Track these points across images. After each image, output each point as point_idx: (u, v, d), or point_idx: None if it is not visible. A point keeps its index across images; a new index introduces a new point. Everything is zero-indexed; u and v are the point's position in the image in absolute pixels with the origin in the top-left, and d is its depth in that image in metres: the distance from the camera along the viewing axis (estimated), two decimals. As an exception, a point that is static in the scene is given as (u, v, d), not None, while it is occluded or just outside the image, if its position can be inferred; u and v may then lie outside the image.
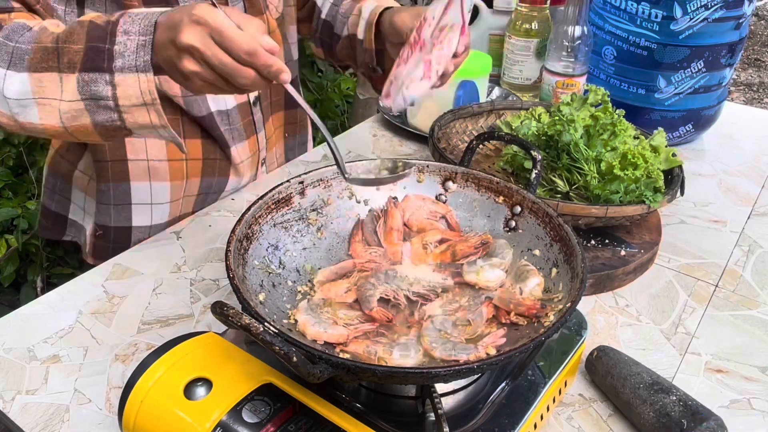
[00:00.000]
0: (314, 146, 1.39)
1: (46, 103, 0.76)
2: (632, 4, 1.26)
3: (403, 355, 0.64)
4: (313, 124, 1.20)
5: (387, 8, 1.03)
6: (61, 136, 0.80)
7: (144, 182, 1.08)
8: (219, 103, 1.09)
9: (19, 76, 0.76)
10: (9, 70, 0.77)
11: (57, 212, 1.19)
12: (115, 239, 1.10)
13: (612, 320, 0.91)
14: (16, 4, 0.85)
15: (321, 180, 0.82)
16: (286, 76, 0.71)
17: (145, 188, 1.09)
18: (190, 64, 0.70)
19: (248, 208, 0.74)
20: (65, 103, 0.76)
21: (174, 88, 1.02)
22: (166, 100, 1.02)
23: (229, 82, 0.70)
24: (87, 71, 0.74)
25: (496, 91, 1.49)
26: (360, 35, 1.07)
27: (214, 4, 0.70)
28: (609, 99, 1.08)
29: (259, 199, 0.76)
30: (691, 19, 1.21)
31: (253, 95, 1.14)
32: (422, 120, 1.33)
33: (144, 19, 0.73)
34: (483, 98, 1.37)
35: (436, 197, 0.85)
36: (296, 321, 0.68)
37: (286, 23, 1.20)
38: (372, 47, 1.06)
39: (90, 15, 0.77)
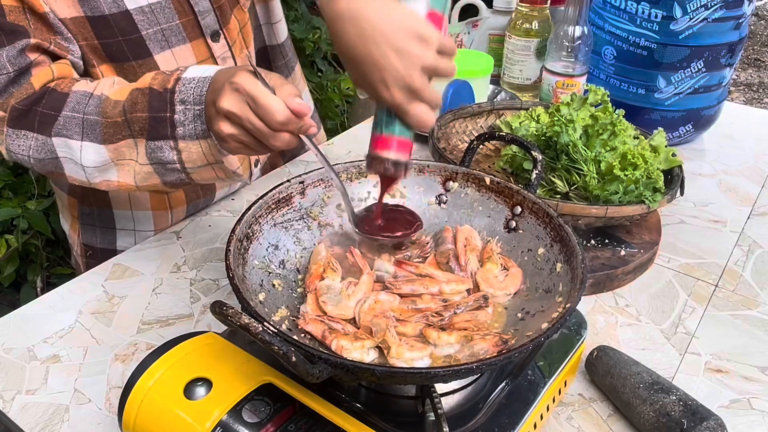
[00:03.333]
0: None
1: (124, 164, 0.82)
2: (632, 4, 1.26)
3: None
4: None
5: None
6: (130, 191, 0.87)
7: (126, 210, 1.08)
8: None
9: (95, 146, 0.81)
10: (84, 141, 0.81)
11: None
12: (104, 258, 1.09)
13: (612, 320, 0.91)
14: (34, 56, 0.84)
15: (321, 180, 0.82)
16: (314, 130, 0.74)
17: (128, 215, 1.09)
18: (226, 127, 0.73)
19: (248, 208, 0.74)
20: (138, 165, 0.81)
21: None
22: None
23: (263, 143, 0.73)
24: (153, 140, 0.78)
25: (502, 95, 1.49)
26: None
27: (254, 71, 0.72)
28: (609, 99, 1.08)
29: (259, 199, 0.76)
30: (691, 19, 1.21)
31: None
32: None
33: (196, 87, 0.77)
34: (483, 99, 1.37)
35: (437, 197, 0.85)
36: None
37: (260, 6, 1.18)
38: None
39: (147, 78, 0.80)
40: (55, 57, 0.87)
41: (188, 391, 0.61)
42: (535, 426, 0.69)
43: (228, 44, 1.04)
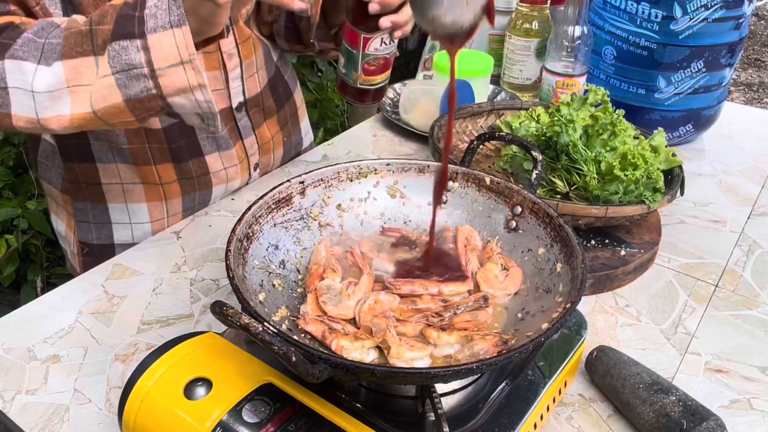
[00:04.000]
0: (315, 143, 1.39)
1: (80, 90, 0.74)
2: (632, 4, 1.26)
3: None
4: (311, 119, 1.20)
5: None
6: (89, 123, 0.77)
7: (120, 204, 1.08)
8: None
9: (51, 68, 0.74)
10: (40, 65, 0.74)
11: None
12: (101, 256, 1.09)
13: (612, 320, 0.91)
14: (13, 7, 0.84)
15: (322, 180, 0.82)
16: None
17: (122, 209, 1.09)
18: None
19: (248, 208, 0.74)
20: (97, 82, 0.73)
21: None
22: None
23: None
24: (117, 40, 0.71)
25: (502, 95, 1.49)
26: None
27: None
28: (609, 99, 1.08)
29: (259, 199, 0.76)
30: (691, 19, 1.21)
31: (236, 101, 1.11)
32: (416, 117, 1.33)
33: None
34: (483, 99, 1.37)
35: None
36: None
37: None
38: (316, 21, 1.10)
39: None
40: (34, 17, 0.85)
41: (188, 391, 0.61)
42: (535, 426, 0.69)
43: (235, 42, 1.06)
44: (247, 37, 1.10)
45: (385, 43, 0.96)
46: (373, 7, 0.91)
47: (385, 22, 0.91)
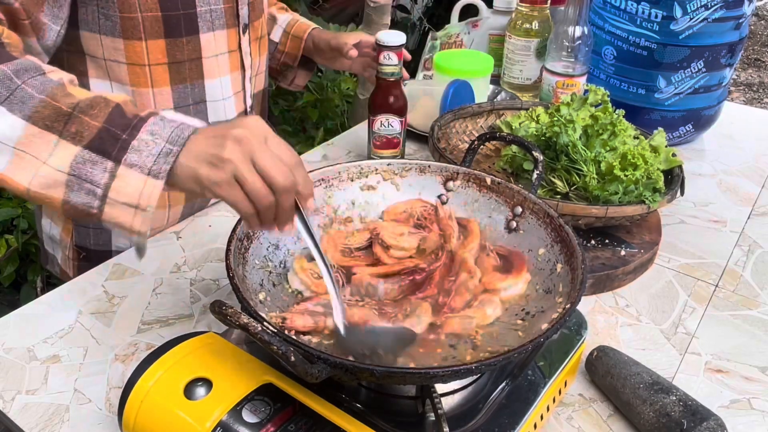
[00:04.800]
0: (315, 143, 1.39)
1: (25, 157, 0.69)
2: (632, 4, 1.26)
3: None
4: (311, 119, 1.22)
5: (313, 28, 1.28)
6: (16, 193, 0.72)
7: None
8: (218, 113, 1.07)
9: (12, 118, 0.69)
10: (2, 106, 0.69)
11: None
12: (97, 261, 1.07)
13: (612, 320, 0.91)
14: (1, 16, 0.80)
15: (322, 180, 0.82)
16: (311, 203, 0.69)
17: None
18: (233, 149, 0.64)
19: (248, 208, 0.74)
20: (47, 167, 0.68)
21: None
22: None
23: (262, 188, 0.65)
24: (91, 150, 0.68)
25: (502, 95, 1.49)
26: (275, 38, 1.28)
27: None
28: (609, 99, 1.08)
29: (259, 199, 0.76)
30: (691, 19, 1.21)
31: (249, 102, 1.13)
32: (416, 117, 1.33)
33: (177, 128, 0.68)
34: (483, 98, 1.37)
35: (438, 197, 0.85)
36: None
37: None
38: (295, 53, 1.29)
39: (120, 97, 0.72)
40: (17, 29, 0.82)
41: (188, 391, 0.61)
42: (535, 426, 0.69)
43: (249, 41, 1.08)
44: (258, 36, 1.11)
45: (384, 125, 1.17)
46: (352, 53, 1.20)
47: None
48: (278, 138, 0.67)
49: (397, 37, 1.10)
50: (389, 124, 1.17)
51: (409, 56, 1.18)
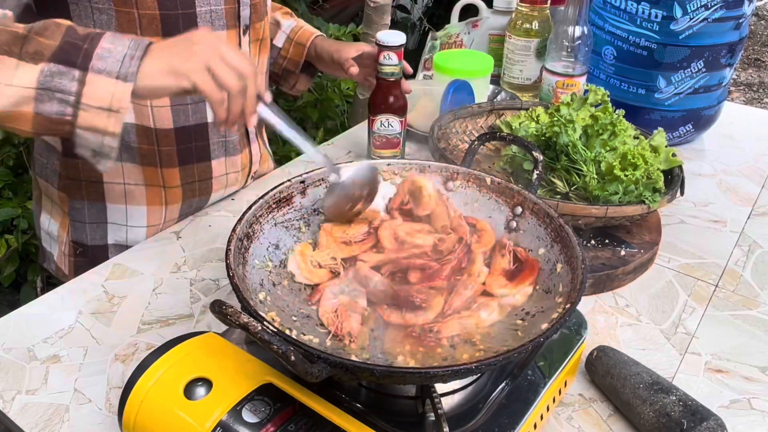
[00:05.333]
0: (315, 143, 1.39)
1: None
2: (632, 4, 1.26)
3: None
4: (311, 119, 1.23)
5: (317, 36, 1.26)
6: None
7: (120, 204, 1.08)
8: None
9: None
10: None
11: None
12: (93, 257, 1.08)
13: (612, 320, 0.91)
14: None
15: (322, 179, 0.82)
16: (268, 97, 0.76)
17: (121, 210, 1.08)
18: (203, 41, 0.74)
19: (249, 207, 0.74)
20: (12, 87, 0.72)
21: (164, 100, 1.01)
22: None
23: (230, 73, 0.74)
24: (57, 63, 0.72)
25: (502, 95, 1.49)
26: (278, 44, 1.27)
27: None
28: (609, 99, 1.08)
29: (260, 199, 0.76)
30: (691, 19, 1.21)
31: None
32: (415, 117, 1.33)
33: (134, 41, 0.75)
34: (483, 98, 1.37)
35: (436, 197, 0.85)
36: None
37: None
38: (298, 60, 1.27)
39: (67, 21, 0.77)
40: None
41: (188, 391, 0.61)
42: (535, 426, 0.69)
43: (249, 42, 1.07)
44: (260, 37, 1.10)
45: (383, 125, 1.18)
46: (353, 71, 1.18)
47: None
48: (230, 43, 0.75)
49: (397, 37, 1.10)
50: (389, 124, 1.18)
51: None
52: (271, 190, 0.78)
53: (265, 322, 0.57)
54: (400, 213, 0.83)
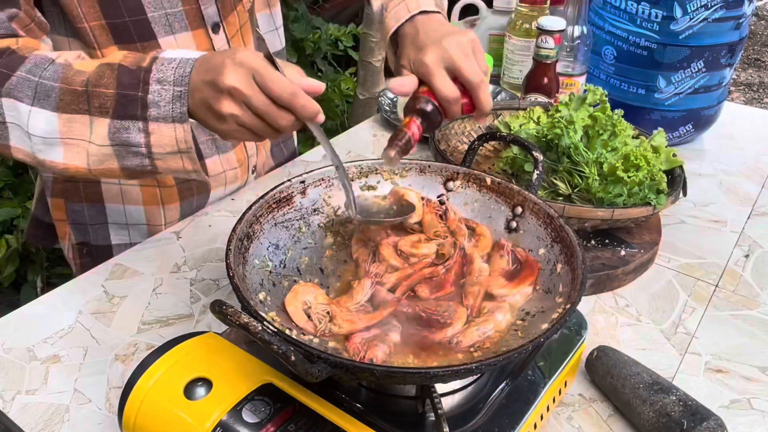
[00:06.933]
0: (315, 143, 1.39)
1: (73, 144, 0.76)
2: (632, 4, 1.26)
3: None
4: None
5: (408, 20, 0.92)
6: (82, 176, 0.80)
7: (118, 204, 1.08)
8: None
9: (45, 113, 0.75)
10: (34, 107, 0.75)
11: (47, 222, 1.17)
12: (98, 257, 1.08)
13: (612, 320, 0.91)
14: (17, 26, 0.82)
15: (322, 179, 0.82)
16: (321, 116, 0.72)
17: (119, 210, 1.08)
18: (229, 106, 0.70)
19: (249, 207, 0.74)
20: (94, 146, 0.75)
21: None
22: None
23: (266, 123, 0.71)
24: (119, 119, 0.74)
25: (502, 95, 1.49)
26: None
27: (271, 59, 0.70)
28: (607, 99, 1.08)
29: (260, 198, 0.76)
30: (691, 19, 1.21)
31: None
32: None
33: (178, 67, 0.73)
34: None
35: (438, 197, 0.85)
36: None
37: (262, 8, 1.18)
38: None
39: (118, 55, 0.77)
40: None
41: (188, 391, 0.61)
42: (535, 426, 0.69)
43: (227, 38, 1.04)
44: (234, 32, 1.08)
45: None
46: (394, 87, 0.86)
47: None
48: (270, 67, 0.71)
49: (557, 23, 1.21)
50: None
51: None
52: (271, 190, 0.78)
53: (265, 322, 0.57)
54: (392, 228, 0.82)
